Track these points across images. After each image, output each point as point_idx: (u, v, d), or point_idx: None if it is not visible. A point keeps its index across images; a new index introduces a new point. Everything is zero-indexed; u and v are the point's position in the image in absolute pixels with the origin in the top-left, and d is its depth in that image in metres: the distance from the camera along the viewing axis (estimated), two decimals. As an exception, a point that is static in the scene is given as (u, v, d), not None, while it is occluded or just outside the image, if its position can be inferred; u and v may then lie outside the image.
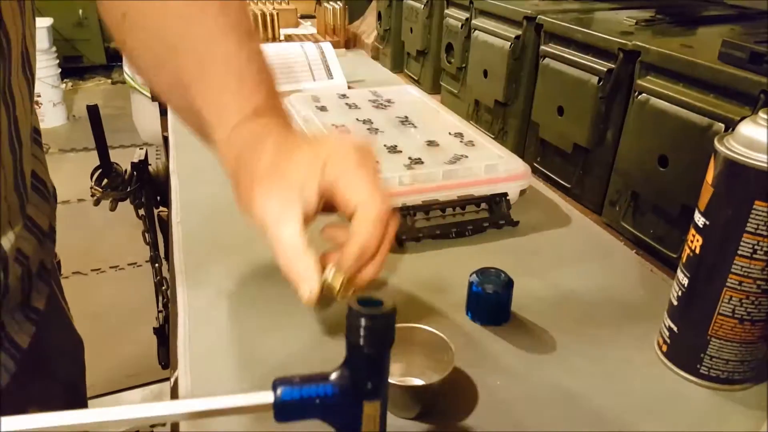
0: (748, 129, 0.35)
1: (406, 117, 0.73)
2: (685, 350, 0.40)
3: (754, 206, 0.34)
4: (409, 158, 0.62)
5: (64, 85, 3.59)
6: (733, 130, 0.36)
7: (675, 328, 0.40)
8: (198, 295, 0.49)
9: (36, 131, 0.48)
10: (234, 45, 0.39)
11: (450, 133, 0.68)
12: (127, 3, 0.40)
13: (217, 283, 0.50)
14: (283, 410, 0.27)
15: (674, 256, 0.52)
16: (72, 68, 3.89)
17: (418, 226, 0.57)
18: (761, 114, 0.34)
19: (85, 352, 0.61)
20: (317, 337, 0.44)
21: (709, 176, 0.37)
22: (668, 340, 0.41)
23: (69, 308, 0.59)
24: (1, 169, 0.40)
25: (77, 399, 0.59)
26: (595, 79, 0.58)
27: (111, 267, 2.12)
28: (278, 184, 0.36)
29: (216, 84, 0.39)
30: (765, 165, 0.33)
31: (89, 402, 0.63)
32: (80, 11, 3.82)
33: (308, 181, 0.36)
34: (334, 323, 0.45)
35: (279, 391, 0.27)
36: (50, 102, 3.28)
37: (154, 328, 1.15)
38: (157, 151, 2.55)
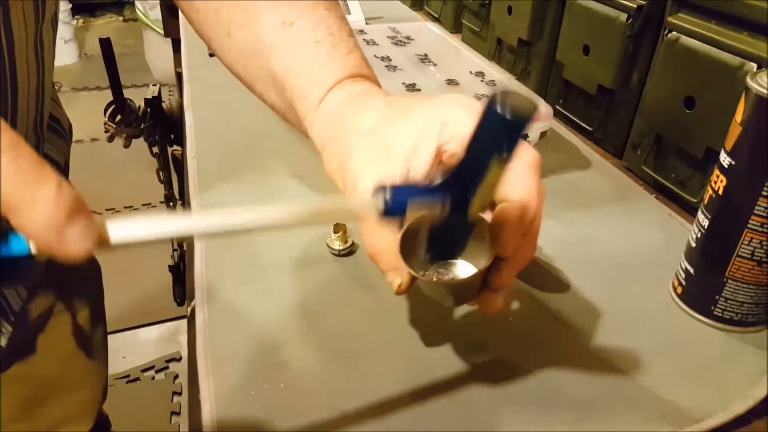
0: (785, 65, 0.33)
1: (426, 55, 0.71)
2: (700, 292, 0.40)
3: (785, 145, 0.33)
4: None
5: (75, 21, 3.54)
6: (766, 67, 0.35)
7: (691, 270, 0.40)
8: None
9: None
10: (322, 6, 0.36)
11: (471, 72, 0.66)
12: None
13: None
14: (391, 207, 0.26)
15: (695, 200, 0.51)
16: (82, 4, 3.82)
17: (435, 166, 0.57)
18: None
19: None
20: (337, 269, 0.45)
21: (738, 115, 0.36)
22: (684, 282, 0.41)
23: None
24: (26, 115, 0.41)
25: (102, 319, 0.61)
26: (624, 17, 0.55)
27: (125, 207, 2.14)
28: (382, 147, 0.31)
29: (305, 46, 0.35)
30: (800, 102, 0.32)
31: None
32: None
33: (423, 143, 0.30)
34: (356, 261, 0.45)
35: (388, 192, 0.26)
36: (61, 39, 3.23)
37: (169, 266, 1.17)
38: (170, 90, 2.53)
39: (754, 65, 0.43)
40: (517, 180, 0.29)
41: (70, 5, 3.29)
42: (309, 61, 0.35)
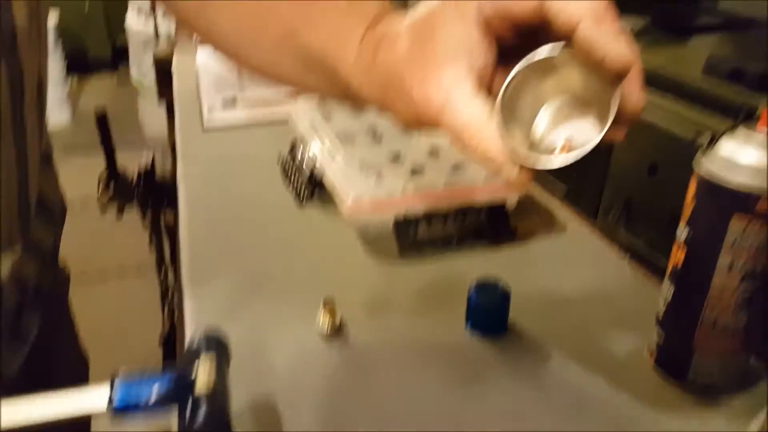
0: (725, 148, 0.36)
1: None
2: (673, 359, 0.42)
3: (731, 222, 0.36)
4: (411, 167, 0.64)
5: (69, 82, 3.61)
6: (711, 146, 0.38)
7: (662, 338, 0.42)
8: (206, 308, 0.51)
9: (47, 153, 0.49)
10: None
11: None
12: None
13: (226, 294, 0.52)
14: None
15: (664, 264, 0.53)
16: (77, 64, 3.91)
17: (420, 235, 0.59)
18: (736, 134, 0.36)
19: (90, 360, 0.62)
20: (322, 347, 0.46)
21: (690, 191, 0.39)
22: (657, 350, 0.43)
23: (76, 322, 0.60)
24: (3, 193, 0.40)
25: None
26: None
27: (116, 272, 2.13)
28: (428, 57, 0.30)
29: (328, 10, 0.35)
30: (740, 184, 0.35)
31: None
32: (86, 6, 3.83)
33: (463, 27, 0.30)
34: (345, 339, 0.47)
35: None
36: (55, 99, 3.30)
37: (159, 339, 1.17)
38: (164, 150, 2.57)
39: (708, 138, 0.47)
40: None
41: (65, 66, 3.36)
42: (333, 24, 0.35)
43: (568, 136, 0.30)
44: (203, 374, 0.28)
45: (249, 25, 0.37)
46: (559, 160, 0.29)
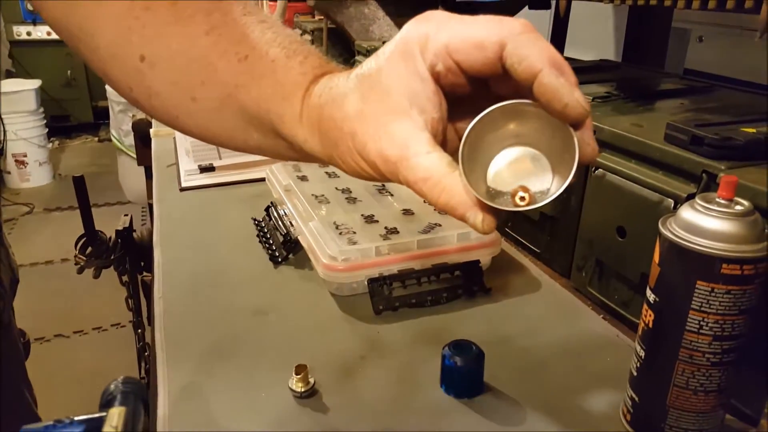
0: (687, 213, 0.37)
1: (383, 185, 0.76)
2: (647, 420, 0.42)
3: (697, 286, 0.36)
4: (386, 228, 0.64)
5: (50, 144, 3.63)
6: (675, 212, 0.39)
7: (636, 398, 0.42)
8: (179, 369, 0.50)
9: None
10: (269, 30, 0.36)
11: (424, 201, 0.71)
12: (141, 43, 0.36)
13: (199, 355, 0.51)
14: None
15: (638, 321, 0.54)
16: (59, 127, 3.95)
17: (395, 294, 0.59)
18: (698, 200, 0.37)
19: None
20: (296, 410, 0.45)
21: (656, 256, 0.39)
22: (631, 410, 0.43)
23: (32, 391, 0.57)
24: None
25: None
26: (556, 153, 0.61)
27: (94, 328, 2.09)
28: (380, 112, 0.30)
29: (267, 68, 0.35)
30: (703, 248, 0.36)
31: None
32: (69, 72, 3.91)
33: (414, 81, 0.30)
34: (319, 403, 0.46)
35: None
36: (36, 161, 3.32)
37: (136, 396, 1.14)
38: (143, 209, 2.57)
39: (672, 201, 0.48)
40: (530, 49, 0.28)
41: (46, 129, 3.40)
42: (274, 83, 0.35)
43: (525, 183, 0.31)
44: (114, 423, 0.27)
45: (187, 84, 0.36)
46: (523, 206, 0.30)
